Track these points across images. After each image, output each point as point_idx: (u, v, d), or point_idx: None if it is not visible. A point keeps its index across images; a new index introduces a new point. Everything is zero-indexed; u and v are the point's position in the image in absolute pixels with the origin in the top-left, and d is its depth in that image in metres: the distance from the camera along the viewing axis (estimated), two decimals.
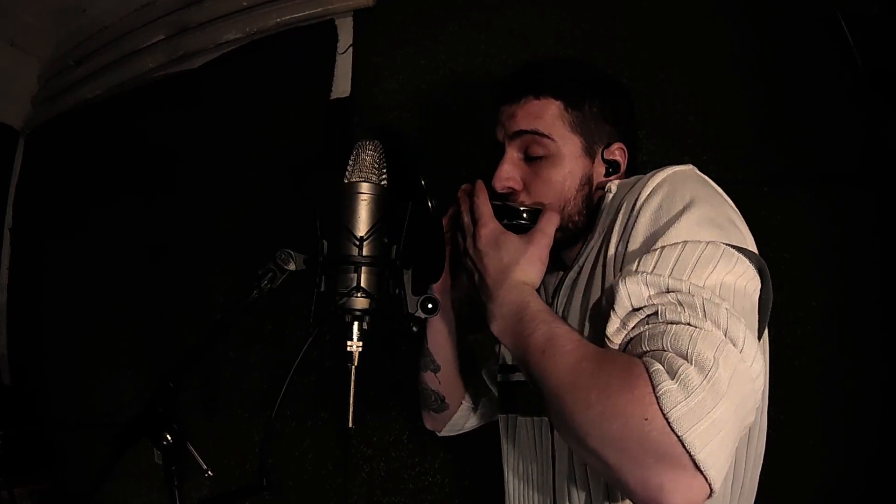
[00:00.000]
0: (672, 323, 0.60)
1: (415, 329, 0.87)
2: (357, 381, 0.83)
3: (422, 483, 1.50)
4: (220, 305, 1.84)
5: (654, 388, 0.55)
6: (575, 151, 0.88)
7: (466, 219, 0.87)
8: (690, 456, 0.53)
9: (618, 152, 0.90)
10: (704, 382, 0.54)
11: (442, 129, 1.60)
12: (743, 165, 1.28)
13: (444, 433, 1.13)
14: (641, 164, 1.33)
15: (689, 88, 1.34)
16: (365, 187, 0.84)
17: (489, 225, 0.84)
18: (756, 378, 0.57)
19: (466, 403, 1.09)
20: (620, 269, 0.72)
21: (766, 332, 0.73)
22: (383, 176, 0.87)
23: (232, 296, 1.26)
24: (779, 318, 0.80)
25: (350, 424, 0.82)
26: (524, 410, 0.94)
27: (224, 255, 1.87)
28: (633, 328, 0.64)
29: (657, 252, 0.66)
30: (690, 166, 0.79)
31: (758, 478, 0.79)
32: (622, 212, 0.77)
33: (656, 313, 0.62)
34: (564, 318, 0.83)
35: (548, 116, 0.87)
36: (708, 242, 0.65)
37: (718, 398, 0.54)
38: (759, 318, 0.68)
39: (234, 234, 1.87)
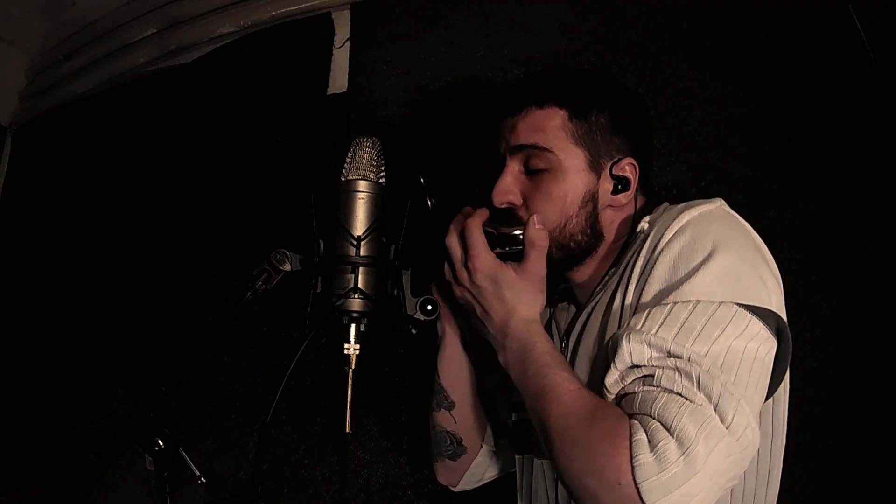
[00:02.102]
0: (666, 390, 0.64)
1: (414, 331, 0.87)
2: (354, 385, 0.83)
3: (421, 490, 1.50)
4: (213, 307, 1.84)
5: (632, 457, 0.60)
6: (578, 165, 0.85)
7: (456, 247, 0.84)
8: None
9: (628, 168, 0.86)
10: (681, 458, 0.58)
11: (442, 125, 1.60)
12: (753, 162, 1.28)
13: (460, 487, 1.07)
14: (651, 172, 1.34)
15: (697, 83, 1.34)
16: (362, 185, 0.84)
17: (482, 257, 0.81)
18: (743, 449, 0.62)
19: (486, 446, 1.04)
20: (631, 316, 0.74)
21: (787, 374, 0.76)
22: (381, 174, 0.87)
23: (225, 297, 1.26)
24: (790, 320, 0.80)
25: (347, 429, 0.82)
26: (539, 451, 0.93)
27: (217, 256, 1.87)
28: (629, 384, 0.68)
29: (667, 308, 0.69)
30: (719, 203, 0.79)
31: None
32: (643, 253, 0.78)
33: (653, 376, 0.66)
34: (577, 351, 0.86)
35: (550, 128, 0.85)
36: (721, 303, 0.67)
37: (692, 473, 0.58)
38: (776, 375, 0.71)
39: (228, 234, 1.87)
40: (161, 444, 0.81)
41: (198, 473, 0.85)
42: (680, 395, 0.62)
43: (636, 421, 0.63)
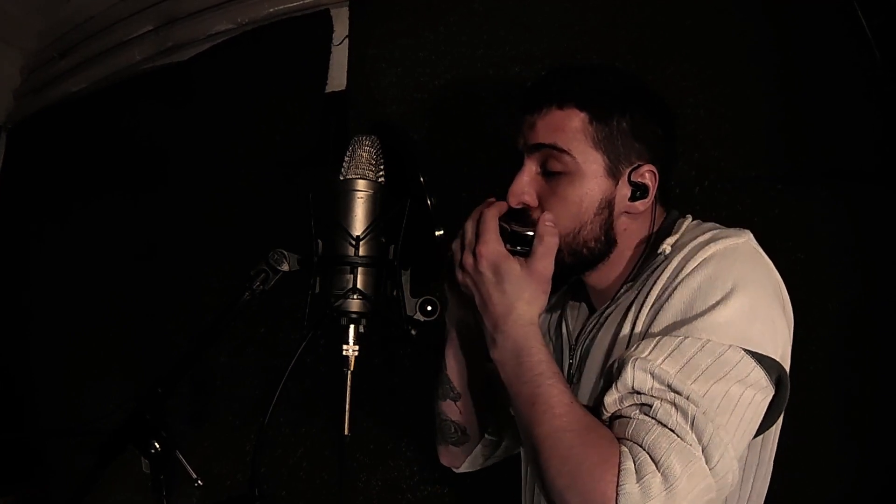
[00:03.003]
0: (660, 424, 0.67)
1: (413, 332, 0.87)
2: (353, 387, 0.83)
3: (421, 493, 1.50)
4: (211, 307, 1.84)
5: (618, 484, 0.64)
6: (596, 171, 0.84)
7: (469, 231, 0.84)
8: None
9: (647, 175, 0.85)
10: (664, 493, 0.63)
11: (441, 123, 1.60)
12: (756, 162, 1.28)
13: (462, 469, 1.09)
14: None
15: (699, 81, 1.34)
16: (361, 184, 0.84)
17: (490, 244, 0.81)
18: (722, 488, 0.67)
19: (490, 435, 1.05)
20: (642, 339, 0.76)
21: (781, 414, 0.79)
22: (380, 172, 0.87)
23: (224, 297, 1.26)
24: (794, 322, 0.80)
25: (346, 432, 0.82)
26: None
27: (215, 256, 1.87)
28: (626, 407, 0.71)
29: (677, 341, 0.71)
30: (746, 238, 0.79)
31: None
32: (663, 279, 0.79)
33: (651, 406, 0.68)
34: (585, 361, 0.87)
35: (569, 129, 0.84)
36: (730, 346, 0.70)
37: None
38: (769, 418, 0.75)
39: (225, 234, 1.87)
40: (157, 446, 0.81)
41: (195, 476, 0.85)
42: (673, 431, 0.66)
43: (626, 449, 0.66)
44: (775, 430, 0.82)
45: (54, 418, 2.19)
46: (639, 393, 0.70)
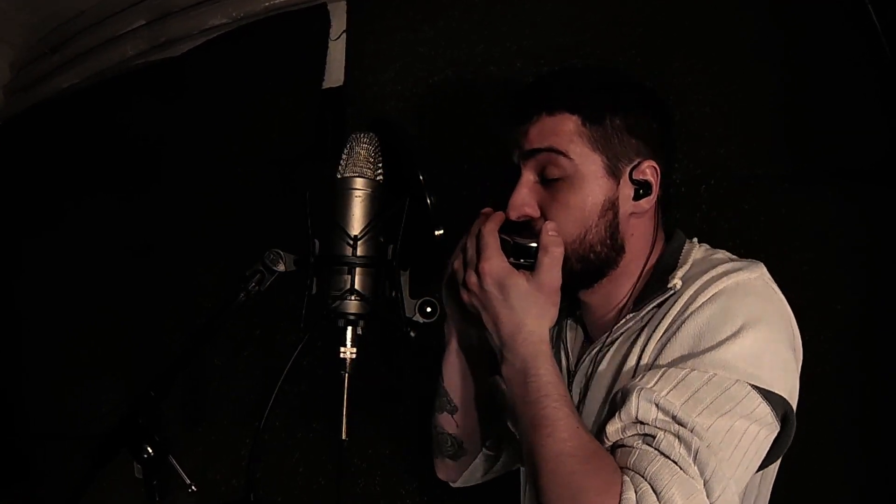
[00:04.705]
0: (663, 455, 0.67)
1: (413, 334, 0.87)
2: (351, 390, 0.83)
3: (420, 499, 1.50)
4: (205, 309, 1.84)
5: None
6: (596, 172, 0.83)
7: (471, 249, 0.83)
8: None
9: (649, 171, 0.85)
10: None
11: (441, 121, 1.60)
12: (763, 160, 1.28)
13: (459, 483, 1.09)
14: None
15: (705, 78, 1.34)
16: (359, 183, 0.84)
17: (493, 260, 0.80)
18: None
19: (487, 450, 1.05)
20: (642, 376, 0.75)
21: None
22: (379, 171, 0.87)
23: (218, 298, 1.26)
24: (800, 323, 0.81)
25: (343, 436, 0.82)
26: None
27: (209, 255, 1.87)
28: (629, 437, 0.72)
29: (683, 373, 0.72)
30: (759, 272, 0.79)
31: None
32: (672, 312, 0.79)
33: (654, 437, 0.69)
34: (588, 388, 0.87)
35: (564, 133, 0.83)
36: (737, 381, 0.70)
37: None
38: (773, 454, 0.76)
39: (221, 233, 1.87)
40: (150, 450, 0.81)
41: (188, 482, 0.86)
42: (676, 463, 0.66)
43: (628, 479, 0.67)
44: (776, 463, 0.83)
45: (45, 421, 2.19)
46: (642, 423, 0.70)
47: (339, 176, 0.86)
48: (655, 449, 0.68)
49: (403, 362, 1.53)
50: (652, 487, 0.65)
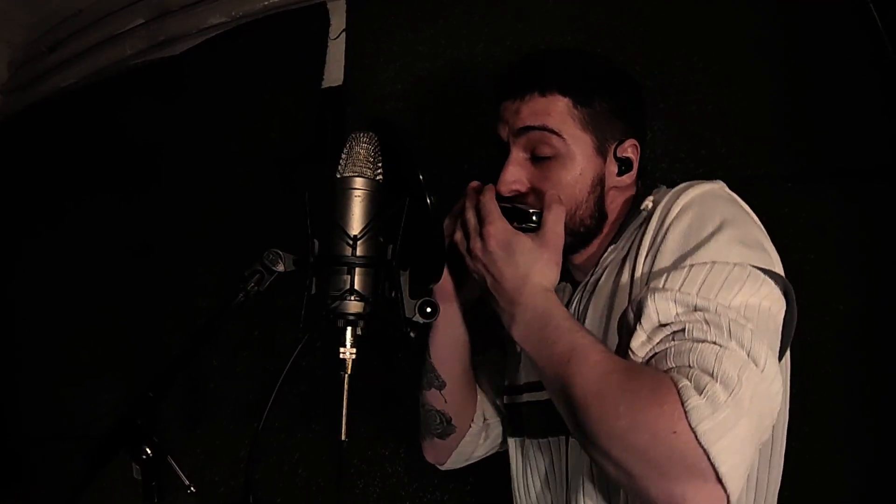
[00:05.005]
0: (698, 341, 0.65)
1: (412, 334, 0.87)
2: (350, 391, 0.83)
3: (420, 500, 1.50)
4: (203, 309, 1.84)
5: (682, 402, 0.60)
6: (586, 151, 0.88)
7: (472, 218, 0.87)
8: (714, 468, 0.58)
9: (630, 149, 0.91)
10: (729, 399, 0.59)
11: (441, 120, 1.60)
12: (765, 159, 1.28)
13: (448, 465, 1.10)
14: (657, 159, 1.34)
15: (707, 77, 1.34)
16: (359, 182, 0.84)
17: (497, 224, 0.84)
18: (775, 396, 0.65)
19: (476, 426, 1.06)
20: (647, 285, 0.76)
21: (788, 351, 0.79)
22: (378, 170, 0.86)
23: (217, 299, 1.26)
24: (803, 322, 0.80)
25: (343, 437, 0.82)
26: (533, 433, 0.95)
27: (208, 256, 1.88)
28: (658, 343, 0.69)
29: (686, 269, 0.72)
30: (720, 184, 0.84)
31: (776, 494, 0.84)
32: (651, 228, 0.82)
33: (683, 330, 0.67)
34: (584, 320, 0.88)
35: (556, 113, 0.87)
36: (735, 264, 0.71)
37: (741, 415, 0.60)
38: (783, 339, 0.74)
39: (219, 233, 1.87)
40: (149, 452, 0.81)
41: (187, 483, 0.85)
42: (714, 343, 0.64)
43: (676, 373, 0.64)
44: (782, 433, 0.82)
45: (43, 422, 2.19)
46: (666, 324, 0.69)
47: (338, 175, 0.86)
48: (689, 339, 0.66)
49: (403, 363, 1.53)
50: (703, 371, 0.62)
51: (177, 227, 1.98)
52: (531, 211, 0.86)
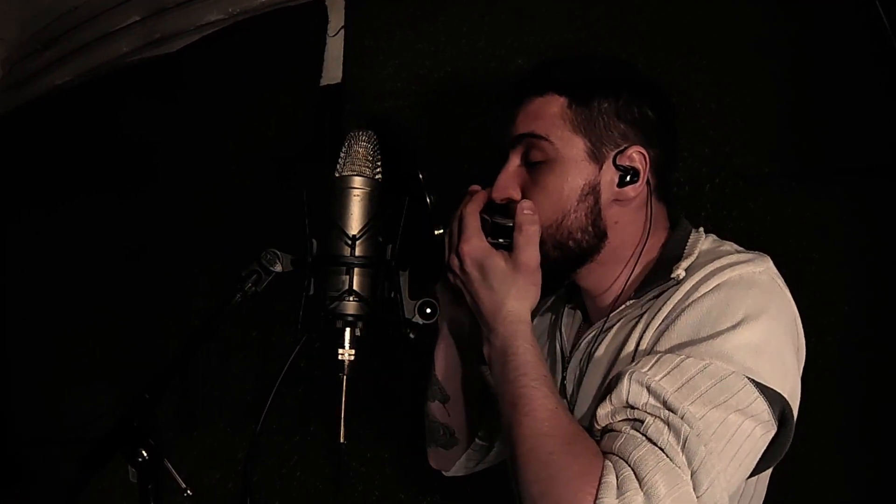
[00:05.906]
0: (650, 441, 0.65)
1: (412, 336, 0.87)
2: (349, 393, 0.83)
3: (419, 502, 1.50)
4: (200, 310, 1.84)
5: (596, 498, 0.62)
6: (577, 155, 0.83)
7: (455, 230, 0.86)
8: None
9: (636, 157, 0.84)
10: None
11: (441, 118, 1.60)
12: (769, 158, 1.28)
13: (451, 473, 1.09)
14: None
15: (709, 75, 1.34)
16: (358, 182, 0.84)
17: (471, 241, 0.82)
18: None
19: (480, 440, 1.05)
20: (644, 355, 0.75)
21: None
22: (377, 169, 0.87)
23: (214, 300, 1.26)
24: (806, 324, 0.80)
25: (341, 439, 0.82)
26: None
27: (205, 256, 1.87)
28: (618, 421, 0.70)
29: (679, 360, 0.70)
30: (765, 266, 0.78)
31: None
32: (673, 300, 0.78)
33: (643, 422, 0.67)
34: (584, 373, 0.86)
35: (547, 115, 0.85)
36: (733, 372, 0.68)
37: None
38: (767, 459, 0.73)
39: (216, 233, 1.87)
40: (145, 454, 0.81)
41: (184, 486, 0.86)
42: (662, 450, 0.64)
43: (610, 463, 0.65)
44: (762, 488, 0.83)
45: (39, 425, 2.19)
46: (632, 407, 0.69)
47: (337, 174, 0.86)
48: (643, 434, 0.66)
49: (402, 364, 1.53)
50: (635, 473, 0.63)
51: (173, 226, 1.98)
52: (509, 225, 0.83)
